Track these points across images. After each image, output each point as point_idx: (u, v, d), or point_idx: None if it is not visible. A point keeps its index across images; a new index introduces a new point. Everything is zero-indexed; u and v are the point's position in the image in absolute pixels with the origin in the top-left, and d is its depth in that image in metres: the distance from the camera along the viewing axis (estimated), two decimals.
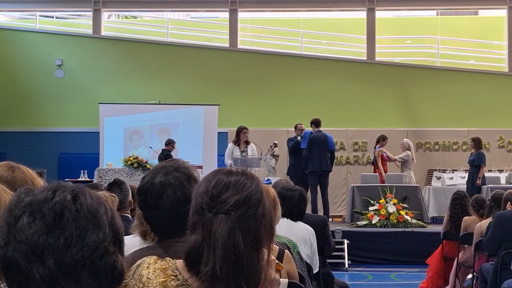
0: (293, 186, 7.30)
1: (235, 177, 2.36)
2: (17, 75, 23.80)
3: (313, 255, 6.87)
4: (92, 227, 1.67)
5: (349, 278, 14.04)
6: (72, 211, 1.66)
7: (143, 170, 17.25)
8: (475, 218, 10.70)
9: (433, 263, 12.19)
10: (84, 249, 1.65)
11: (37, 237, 1.62)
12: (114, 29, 25.84)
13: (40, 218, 1.64)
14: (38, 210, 1.65)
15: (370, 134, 22.03)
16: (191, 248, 2.31)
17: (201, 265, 2.27)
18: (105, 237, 1.69)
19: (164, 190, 3.12)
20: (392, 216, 16.91)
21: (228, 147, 17.95)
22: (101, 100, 21.79)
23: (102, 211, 1.72)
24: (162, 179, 3.15)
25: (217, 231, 2.25)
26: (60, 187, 1.72)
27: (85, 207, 1.68)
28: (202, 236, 2.28)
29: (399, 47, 25.61)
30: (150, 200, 3.14)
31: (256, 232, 2.30)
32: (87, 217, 1.67)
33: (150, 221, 3.20)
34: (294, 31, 24.83)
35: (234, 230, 2.25)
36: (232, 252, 2.23)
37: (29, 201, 1.68)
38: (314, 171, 17.64)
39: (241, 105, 22.97)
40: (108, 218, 1.73)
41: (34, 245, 1.62)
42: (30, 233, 1.63)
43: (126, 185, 7.03)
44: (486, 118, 22.49)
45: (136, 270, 2.46)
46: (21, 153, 21.93)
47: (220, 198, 2.29)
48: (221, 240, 2.24)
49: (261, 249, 2.32)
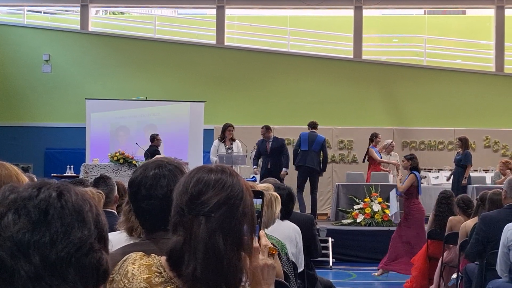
0: (282, 185, 7.30)
1: (215, 175, 2.36)
2: (4, 70, 23.73)
3: (298, 254, 6.88)
4: (77, 224, 1.67)
5: (333, 276, 14.06)
6: (57, 208, 1.66)
7: (129, 166, 17.23)
8: (461, 218, 10.72)
9: (418, 262, 12.23)
10: (70, 246, 1.64)
11: (22, 234, 1.62)
12: (101, 24, 25.79)
13: (25, 215, 1.64)
14: (23, 207, 1.65)
15: (356, 132, 22.07)
16: (172, 249, 2.32)
17: (182, 266, 2.27)
18: (90, 234, 1.69)
19: (158, 181, 3.17)
20: (377, 215, 16.95)
21: (214, 144, 17.94)
22: (88, 96, 21.74)
23: (87, 208, 1.72)
24: (156, 171, 3.21)
25: (198, 233, 2.25)
26: (45, 184, 1.71)
27: (70, 204, 1.68)
28: (184, 237, 2.29)
29: (386, 45, 25.66)
30: (144, 190, 3.18)
31: (237, 231, 2.30)
32: (72, 214, 1.67)
33: (141, 212, 3.22)
34: (281, 28, 24.85)
35: (215, 232, 2.25)
36: (213, 254, 2.24)
37: (13, 198, 1.67)
38: (303, 166, 17.57)
39: (228, 102, 22.96)
40: (93, 215, 1.72)
41: (19, 242, 1.62)
42: (15, 230, 1.62)
43: (112, 181, 7.02)
44: (473, 117, 22.55)
45: (122, 265, 2.47)
46: (7, 147, 21.88)
47: (200, 200, 2.30)
48: (202, 242, 2.24)
49: (242, 247, 2.32)
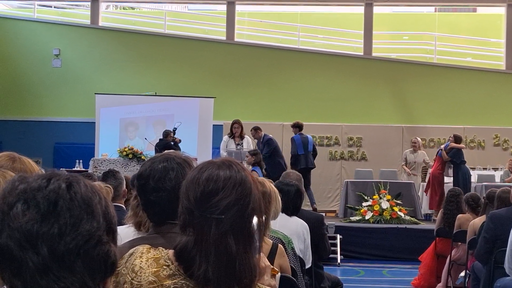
0: (290, 181, 7.29)
1: (223, 172, 2.34)
2: (14, 64, 23.76)
3: (306, 250, 6.87)
4: (86, 216, 1.67)
5: (341, 273, 14.04)
6: (66, 200, 1.66)
7: (137, 161, 17.26)
8: (469, 216, 10.70)
9: (426, 260, 12.22)
10: (78, 238, 1.64)
11: (31, 225, 1.62)
12: (111, 19, 25.80)
13: (34, 206, 1.64)
14: (32, 198, 1.65)
15: (365, 129, 22.05)
16: (182, 249, 2.31)
17: (193, 267, 2.27)
18: (99, 226, 1.69)
19: (166, 173, 3.19)
20: (385, 212, 16.92)
21: (223, 139, 18.00)
22: (97, 91, 21.78)
23: (96, 200, 1.71)
24: (165, 164, 3.22)
25: (209, 235, 2.25)
26: (54, 175, 1.71)
27: (79, 196, 1.68)
28: (194, 238, 2.28)
29: (396, 43, 25.59)
30: (152, 182, 3.18)
31: (248, 229, 2.30)
32: (81, 206, 1.67)
33: (150, 205, 3.22)
34: (291, 25, 24.80)
35: (226, 234, 2.25)
36: (225, 256, 2.24)
37: (23, 189, 1.67)
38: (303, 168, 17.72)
39: (237, 98, 22.95)
40: (102, 208, 1.72)
41: (28, 233, 1.62)
42: (24, 221, 1.62)
43: (120, 175, 7.03)
44: (482, 116, 22.48)
45: (129, 258, 2.46)
46: (17, 142, 21.91)
47: (210, 202, 2.28)
48: (213, 245, 2.24)
49: (253, 244, 2.32)
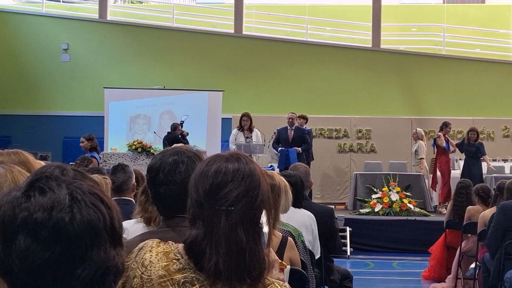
0: (294, 173, 7.29)
1: (232, 165, 2.36)
2: (23, 59, 23.81)
3: (315, 241, 6.87)
4: (91, 246, 1.65)
5: (351, 265, 14.05)
6: (70, 232, 1.62)
7: (147, 155, 17.27)
8: (479, 208, 10.67)
9: (436, 252, 12.20)
10: (87, 269, 1.63)
11: (37, 266, 1.59)
12: (120, 13, 25.83)
13: (38, 243, 1.60)
14: (35, 231, 1.61)
15: (374, 122, 22.02)
16: (193, 241, 2.32)
17: (203, 259, 2.28)
18: (105, 250, 1.66)
19: (176, 166, 3.18)
20: (395, 204, 16.90)
21: (233, 132, 18.03)
22: (106, 85, 21.81)
23: (101, 220, 1.67)
24: (175, 158, 3.21)
25: (219, 227, 2.26)
26: (56, 204, 1.64)
27: (83, 225, 1.64)
28: (204, 231, 2.29)
29: (404, 35, 25.56)
30: (162, 175, 3.18)
31: (257, 222, 2.32)
32: (86, 234, 1.64)
33: (159, 198, 3.21)
34: (299, 17, 24.78)
35: (236, 225, 2.26)
36: (235, 247, 2.25)
37: (24, 219, 1.63)
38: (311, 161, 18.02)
39: (245, 91, 22.95)
40: (106, 225, 1.68)
41: (35, 275, 1.60)
42: (29, 262, 1.59)
43: (129, 168, 7.01)
44: (491, 107, 22.44)
45: (139, 253, 2.46)
46: (26, 136, 21.98)
47: (219, 194, 2.30)
48: (224, 236, 2.25)
49: (262, 236, 2.33)
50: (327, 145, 21.61)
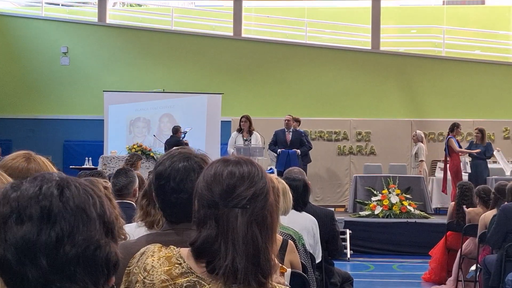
0: (297, 176, 7.28)
1: (246, 167, 2.39)
2: (22, 63, 23.82)
3: (316, 244, 6.87)
4: (82, 223, 1.65)
5: (351, 268, 14.05)
6: (60, 208, 1.63)
7: (146, 158, 17.27)
8: (480, 210, 10.67)
9: (436, 254, 12.20)
10: (76, 246, 1.63)
11: (27, 240, 1.60)
12: (119, 17, 25.84)
13: (28, 219, 1.62)
14: (25, 208, 1.63)
15: (374, 124, 22.03)
16: (203, 242, 2.32)
17: (216, 259, 2.28)
18: (96, 231, 1.67)
19: (188, 175, 3.13)
20: (395, 207, 16.89)
21: (232, 135, 18.00)
22: (105, 88, 21.82)
23: (91, 202, 1.69)
24: (185, 164, 3.16)
25: (235, 226, 2.28)
26: (45, 181, 1.68)
27: (72, 203, 1.65)
28: (216, 231, 2.30)
29: (404, 36, 25.56)
30: (173, 183, 3.14)
31: (270, 222, 2.34)
32: (76, 212, 1.64)
33: (169, 206, 3.18)
34: (299, 20, 24.77)
35: (252, 224, 2.29)
36: (251, 245, 2.27)
37: (15, 198, 1.66)
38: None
39: (245, 94, 22.95)
40: (97, 210, 1.69)
41: (25, 247, 1.60)
42: (20, 235, 1.60)
43: (132, 173, 7.01)
44: (492, 109, 22.43)
45: (140, 258, 2.47)
46: (26, 140, 21.96)
47: (236, 192, 2.31)
48: (241, 234, 2.27)
49: (274, 238, 2.36)
50: (326, 147, 21.62)
